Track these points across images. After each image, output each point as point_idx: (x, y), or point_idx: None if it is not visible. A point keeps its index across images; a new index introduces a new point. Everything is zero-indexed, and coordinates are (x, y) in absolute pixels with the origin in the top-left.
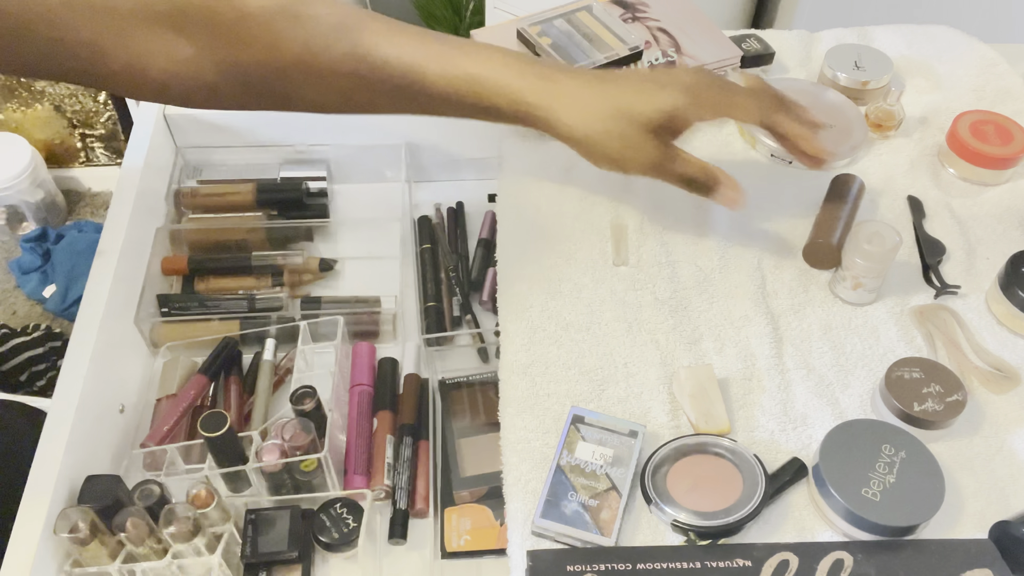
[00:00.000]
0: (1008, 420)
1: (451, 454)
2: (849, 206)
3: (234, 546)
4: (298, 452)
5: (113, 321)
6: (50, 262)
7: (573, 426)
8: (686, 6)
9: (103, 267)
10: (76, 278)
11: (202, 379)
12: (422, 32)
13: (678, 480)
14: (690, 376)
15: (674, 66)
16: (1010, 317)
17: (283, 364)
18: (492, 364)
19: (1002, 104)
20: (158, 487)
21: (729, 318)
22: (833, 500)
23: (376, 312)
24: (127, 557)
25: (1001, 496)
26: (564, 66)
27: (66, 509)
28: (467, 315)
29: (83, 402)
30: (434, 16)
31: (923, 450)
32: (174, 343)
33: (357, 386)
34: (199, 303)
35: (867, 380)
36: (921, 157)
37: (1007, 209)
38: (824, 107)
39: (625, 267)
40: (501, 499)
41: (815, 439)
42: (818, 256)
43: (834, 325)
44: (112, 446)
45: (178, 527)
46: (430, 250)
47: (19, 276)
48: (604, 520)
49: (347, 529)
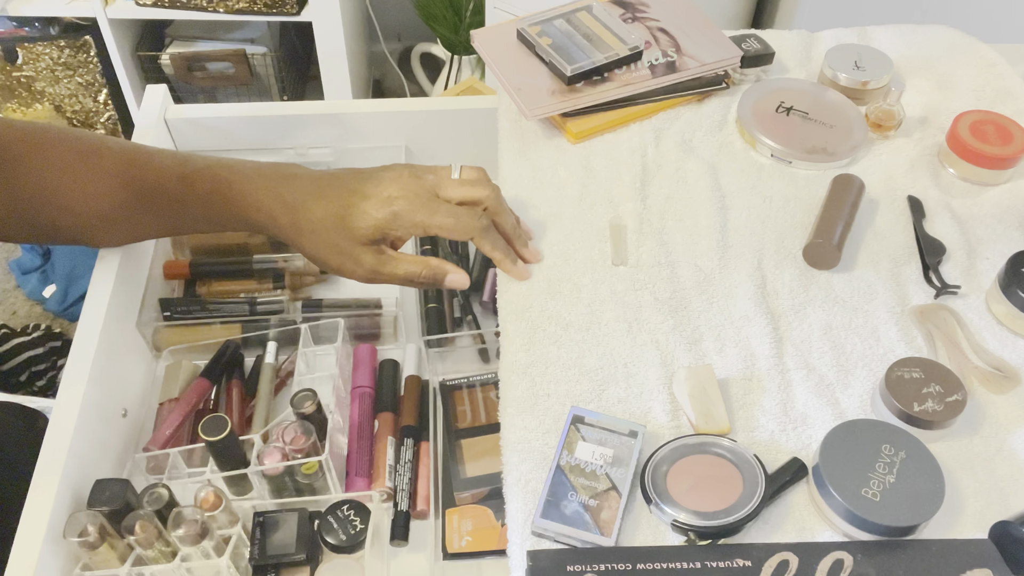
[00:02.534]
0: (1008, 420)
1: (452, 455)
2: (849, 206)
3: (242, 548)
4: (299, 455)
5: (115, 325)
6: (50, 262)
7: (573, 426)
8: (686, 6)
9: (105, 271)
10: (76, 278)
11: (204, 382)
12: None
13: (678, 480)
14: (690, 376)
15: (389, 169)
16: (1010, 317)
17: (284, 367)
18: (492, 365)
19: (1002, 104)
20: (166, 490)
21: (729, 318)
22: (833, 500)
23: (377, 314)
24: (136, 560)
25: (1001, 496)
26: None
27: (76, 513)
28: (467, 316)
29: (86, 406)
30: (434, 16)
31: (923, 450)
32: (176, 347)
33: (358, 388)
34: (201, 307)
35: (867, 380)
36: (921, 157)
37: (1007, 209)
38: (824, 107)
39: (625, 267)
40: (502, 500)
41: (815, 439)
42: (818, 256)
43: (834, 325)
44: (115, 450)
45: (187, 530)
46: (430, 251)
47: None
48: (604, 520)
49: (354, 531)
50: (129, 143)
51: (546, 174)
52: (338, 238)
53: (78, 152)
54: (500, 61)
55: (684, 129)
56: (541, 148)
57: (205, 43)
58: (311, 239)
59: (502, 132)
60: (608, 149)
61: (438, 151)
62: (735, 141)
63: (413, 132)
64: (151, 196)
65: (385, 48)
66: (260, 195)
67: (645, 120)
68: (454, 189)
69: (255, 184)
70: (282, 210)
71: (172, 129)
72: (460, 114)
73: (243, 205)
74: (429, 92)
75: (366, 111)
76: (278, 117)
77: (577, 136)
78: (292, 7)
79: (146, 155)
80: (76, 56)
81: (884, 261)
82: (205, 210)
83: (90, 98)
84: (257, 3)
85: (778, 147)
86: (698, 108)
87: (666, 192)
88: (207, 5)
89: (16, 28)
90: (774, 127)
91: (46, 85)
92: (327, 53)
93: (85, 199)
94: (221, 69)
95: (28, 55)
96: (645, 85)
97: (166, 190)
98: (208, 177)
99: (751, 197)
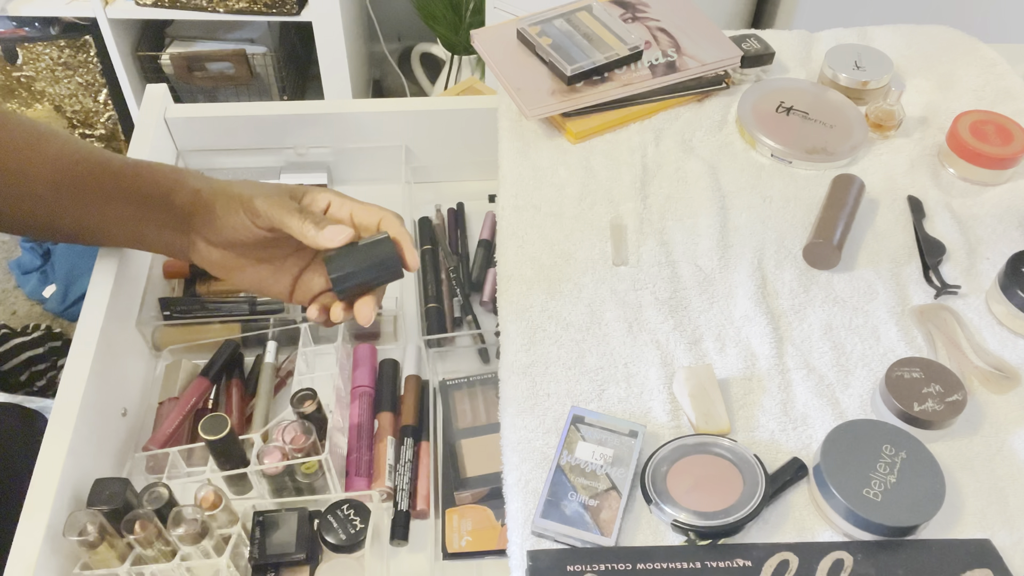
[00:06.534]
0: (1008, 420)
1: (452, 455)
2: (849, 206)
3: (242, 548)
4: (299, 455)
5: (115, 324)
6: (50, 262)
7: (573, 426)
8: (686, 6)
9: (104, 271)
10: (76, 278)
11: (204, 382)
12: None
13: (678, 480)
14: (690, 376)
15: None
16: (1010, 317)
17: (284, 366)
18: (493, 365)
19: (1002, 104)
20: (166, 489)
21: (729, 318)
22: (835, 500)
23: (377, 314)
24: (136, 559)
25: (1001, 496)
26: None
27: (75, 512)
28: (468, 316)
29: (85, 406)
30: (434, 16)
31: (923, 450)
32: (176, 346)
33: (358, 388)
34: (200, 306)
35: (867, 380)
36: (921, 157)
37: (1007, 209)
38: (824, 107)
39: (625, 267)
40: (502, 500)
41: (815, 439)
42: (818, 256)
43: (834, 325)
44: (114, 449)
45: (186, 529)
46: (431, 251)
47: (19, 276)
48: (604, 520)
49: (354, 531)
50: (83, 142)
51: (546, 174)
52: (259, 186)
53: (25, 136)
54: (500, 61)
55: (684, 129)
56: (541, 148)
57: (205, 43)
58: (227, 187)
59: (502, 132)
60: (608, 149)
61: (438, 151)
62: (735, 141)
63: (413, 132)
64: (89, 184)
65: (385, 48)
66: (188, 175)
67: (645, 120)
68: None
69: (192, 173)
70: (205, 184)
71: (172, 129)
72: (460, 114)
73: (169, 177)
74: (429, 92)
75: (366, 111)
76: (278, 117)
77: (577, 136)
78: (292, 7)
79: (94, 149)
80: (76, 56)
81: (884, 261)
82: (133, 185)
83: (90, 98)
84: (257, 3)
85: (778, 147)
86: (698, 108)
87: (666, 192)
88: (207, 5)
89: (16, 28)
90: (774, 127)
91: (46, 85)
92: (327, 53)
93: (26, 182)
94: (221, 69)
95: (28, 55)
96: (645, 85)
97: (102, 177)
98: (147, 166)
99: (751, 197)
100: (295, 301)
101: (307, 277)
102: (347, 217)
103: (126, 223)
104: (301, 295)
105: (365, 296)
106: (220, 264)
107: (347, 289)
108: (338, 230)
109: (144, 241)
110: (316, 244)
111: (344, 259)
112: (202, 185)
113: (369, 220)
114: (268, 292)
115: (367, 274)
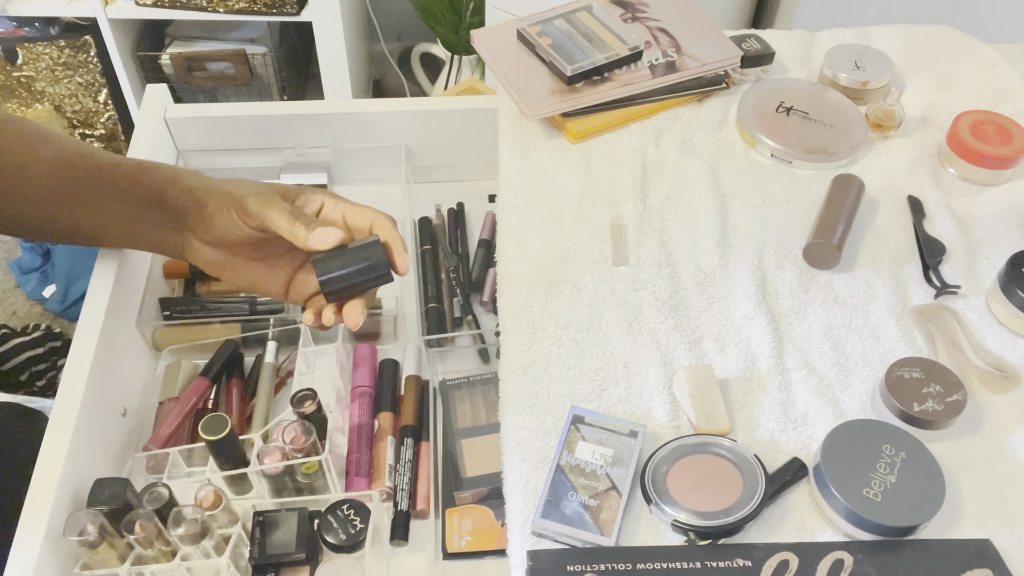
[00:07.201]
0: (1008, 420)
1: (452, 455)
2: (849, 206)
3: (242, 548)
4: (299, 455)
5: (115, 324)
6: (50, 262)
7: (573, 426)
8: (686, 6)
9: (104, 271)
10: (76, 278)
11: (204, 382)
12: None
13: (678, 480)
14: (690, 376)
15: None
16: (1010, 317)
17: (284, 366)
18: (493, 365)
19: (1002, 104)
20: (166, 489)
21: (729, 318)
22: (835, 500)
23: (377, 314)
24: (136, 559)
25: (1001, 496)
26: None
27: (75, 512)
28: (468, 316)
29: (85, 406)
30: (434, 16)
31: (923, 450)
32: (176, 346)
33: (358, 388)
34: (200, 306)
35: (867, 380)
36: (921, 157)
37: (1007, 209)
38: (824, 107)
39: (625, 267)
40: (502, 500)
41: (815, 439)
42: (818, 256)
43: (834, 325)
44: (114, 449)
45: (186, 529)
46: (431, 251)
47: (19, 276)
48: (604, 520)
49: (354, 531)
50: (80, 143)
51: (546, 174)
52: (250, 185)
53: (21, 136)
54: (500, 61)
55: (684, 129)
56: (541, 148)
57: (205, 43)
58: (220, 185)
59: (502, 132)
60: (608, 149)
61: (438, 151)
62: (735, 141)
63: (413, 132)
64: (85, 184)
65: (385, 48)
66: (183, 173)
67: (645, 120)
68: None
69: (187, 172)
70: (198, 182)
71: (172, 129)
72: (460, 114)
73: (164, 176)
74: (429, 92)
75: (366, 111)
76: (278, 117)
77: (577, 136)
78: (292, 7)
79: (90, 150)
80: (76, 56)
81: (884, 261)
82: (128, 185)
83: (90, 98)
84: (257, 3)
85: (778, 147)
86: (698, 108)
87: (666, 192)
88: (207, 5)
89: (16, 28)
90: (774, 127)
91: (46, 85)
92: (327, 53)
93: (23, 182)
94: (221, 69)
95: (28, 55)
96: (645, 85)
97: (98, 178)
98: (143, 166)
99: (751, 197)
100: (290, 300)
101: (301, 277)
102: (340, 219)
103: (122, 223)
104: (296, 295)
105: (354, 299)
106: (214, 262)
107: (335, 292)
108: (327, 232)
109: (140, 240)
110: (305, 246)
111: (332, 261)
112: (195, 183)
113: (362, 222)
114: (263, 291)
115: (355, 277)
